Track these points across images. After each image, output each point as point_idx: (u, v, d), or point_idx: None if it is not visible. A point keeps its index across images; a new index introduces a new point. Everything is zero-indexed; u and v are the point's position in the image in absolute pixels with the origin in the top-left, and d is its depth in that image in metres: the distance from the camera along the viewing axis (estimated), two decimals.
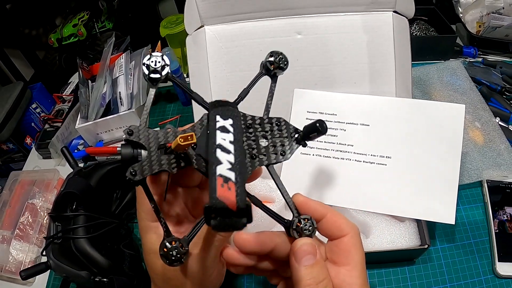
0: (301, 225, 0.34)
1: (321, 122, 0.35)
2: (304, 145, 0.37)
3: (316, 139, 0.37)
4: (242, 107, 0.36)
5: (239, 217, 0.26)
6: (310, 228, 0.34)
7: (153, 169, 0.31)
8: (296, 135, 0.37)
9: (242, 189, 0.26)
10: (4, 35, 1.72)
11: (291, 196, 0.36)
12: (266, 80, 0.41)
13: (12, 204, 0.78)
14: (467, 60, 0.98)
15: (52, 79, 1.54)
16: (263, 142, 0.36)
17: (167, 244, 0.29)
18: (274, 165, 0.36)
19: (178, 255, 0.29)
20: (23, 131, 1.31)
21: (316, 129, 0.35)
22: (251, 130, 0.36)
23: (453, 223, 0.55)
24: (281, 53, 0.38)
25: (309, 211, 0.36)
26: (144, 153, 0.31)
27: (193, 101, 0.57)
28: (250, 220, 0.26)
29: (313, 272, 0.33)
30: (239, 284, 0.61)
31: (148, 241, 0.36)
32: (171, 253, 0.29)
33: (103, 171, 0.67)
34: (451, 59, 0.96)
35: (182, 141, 0.28)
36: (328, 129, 0.60)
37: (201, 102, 0.35)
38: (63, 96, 1.04)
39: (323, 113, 0.63)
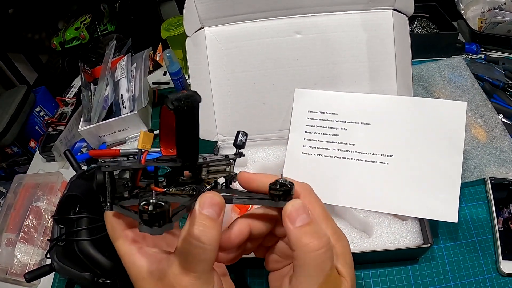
0: (278, 186, 0.35)
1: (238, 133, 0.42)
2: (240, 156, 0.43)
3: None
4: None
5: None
6: (285, 182, 0.35)
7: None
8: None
9: None
10: (7, 39, 1.73)
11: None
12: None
13: (17, 207, 0.78)
14: (469, 56, 0.97)
15: (56, 82, 1.55)
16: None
17: (145, 201, 0.26)
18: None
19: (160, 209, 0.26)
20: (27, 134, 1.31)
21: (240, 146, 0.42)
22: None
23: (456, 221, 0.55)
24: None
25: (254, 184, 0.38)
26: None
27: None
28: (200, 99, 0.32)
29: (312, 228, 0.33)
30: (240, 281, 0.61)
31: (133, 265, 0.34)
32: (152, 210, 0.26)
33: None
34: (453, 56, 0.95)
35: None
36: (329, 129, 0.62)
37: None
38: (66, 100, 1.04)
39: (324, 113, 0.63)
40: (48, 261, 0.61)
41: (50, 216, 0.76)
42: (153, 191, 0.28)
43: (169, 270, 0.32)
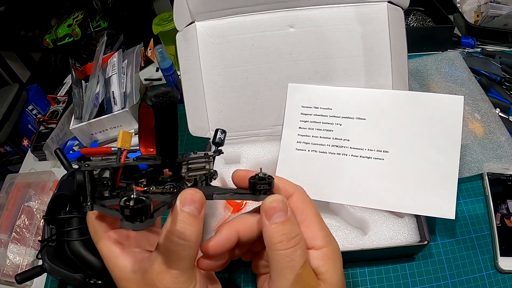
0: (259, 180, 0.35)
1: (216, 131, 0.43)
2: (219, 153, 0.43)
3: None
4: None
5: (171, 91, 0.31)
6: (265, 176, 0.36)
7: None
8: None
9: None
10: None
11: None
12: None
13: (9, 207, 0.77)
14: (466, 50, 0.96)
15: (48, 80, 1.53)
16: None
17: (126, 197, 0.26)
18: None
19: (141, 204, 0.26)
20: (20, 133, 1.30)
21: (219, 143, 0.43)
22: None
23: (453, 218, 0.54)
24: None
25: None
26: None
27: (185, 99, 0.58)
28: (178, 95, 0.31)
29: (285, 229, 0.33)
30: (234, 280, 0.60)
31: (116, 266, 0.34)
32: (133, 205, 0.25)
33: None
34: (449, 50, 0.94)
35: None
36: (324, 124, 0.61)
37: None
38: (58, 97, 1.03)
39: (318, 108, 0.62)
40: (40, 262, 0.60)
41: (42, 216, 0.75)
42: (133, 187, 0.27)
43: (150, 268, 0.32)
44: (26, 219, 0.75)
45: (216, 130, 0.42)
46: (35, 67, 1.84)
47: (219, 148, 0.43)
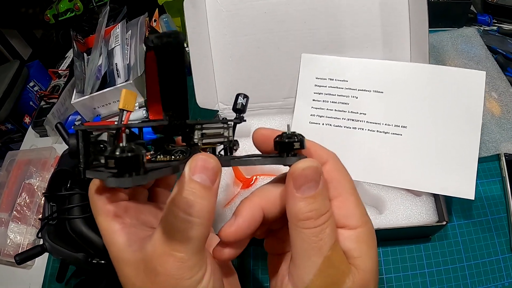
0: (287, 138, 0.30)
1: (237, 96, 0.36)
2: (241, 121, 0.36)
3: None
4: None
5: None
6: (296, 134, 0.30)
7: None
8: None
9: None
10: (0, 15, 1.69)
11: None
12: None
13: (9, 185, 0.76)
14: (482, 28, 0.93)
15: (50, 56, 1.52)
16: None
17: (112, 148, 0.21)
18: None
19: (131, 154, 0.20)
20: (21, 110, 1.29)
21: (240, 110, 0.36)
22: None
23: (473, 198, 0.52)
24: None
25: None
26: None
27: (193, 70, 0.54)
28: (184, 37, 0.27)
29: (316, 204, 0.27)
30: (245, 269, 0.59)
31: (114, 246, 0.28)
32: (119, 154, 0.20)
33: None
34: (464, 27, 0.91)
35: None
36: (339, 96, 0.59)
37: None
38: (59, 71, 1.01)
39: (333, 79, 0.60)
40: (42, 241, 0.58)
41: (42, 194, 0.74)
42: (123, 134, 0.23)
43: (151, 249, 0.26)
44: (27, 197, 0.73)
45: (237, 95, 0.36)
46: (37, 44, 1.83)
47: (241, 115, 0.36)
